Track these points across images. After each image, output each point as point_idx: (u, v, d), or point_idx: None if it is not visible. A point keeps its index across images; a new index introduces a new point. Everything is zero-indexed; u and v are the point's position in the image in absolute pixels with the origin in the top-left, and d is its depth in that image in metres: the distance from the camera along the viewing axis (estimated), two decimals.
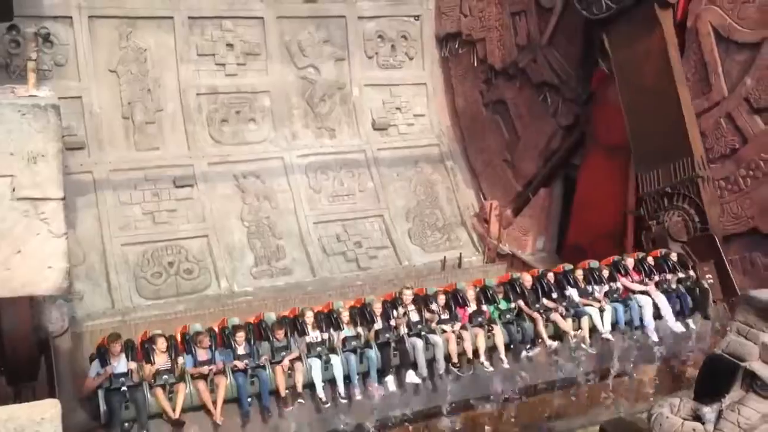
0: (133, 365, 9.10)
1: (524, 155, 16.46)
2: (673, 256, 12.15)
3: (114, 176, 14.63)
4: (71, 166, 13.84)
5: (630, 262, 12.01)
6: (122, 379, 8.85)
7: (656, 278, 11.83)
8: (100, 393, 8.81)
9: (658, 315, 11.49)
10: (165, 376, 9.03)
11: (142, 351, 9.36)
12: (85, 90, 14.65)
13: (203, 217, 15.06)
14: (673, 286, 11.77)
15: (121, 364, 9.04)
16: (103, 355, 9.08)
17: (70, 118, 13.96)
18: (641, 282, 11.79)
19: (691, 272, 12.00)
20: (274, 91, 16.38)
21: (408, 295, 10.51)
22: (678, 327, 11.53)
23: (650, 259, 12.11)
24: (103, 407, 8.76)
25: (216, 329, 9.87)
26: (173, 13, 15.31)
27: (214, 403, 9.11)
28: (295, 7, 16.46)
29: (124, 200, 14.56)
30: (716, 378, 7.19)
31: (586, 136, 15.09)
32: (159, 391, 8.98)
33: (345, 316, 10.14)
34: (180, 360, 9.23)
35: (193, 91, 15.61)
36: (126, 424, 8.87)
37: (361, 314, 10.31)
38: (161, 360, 9.23)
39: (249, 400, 9.38)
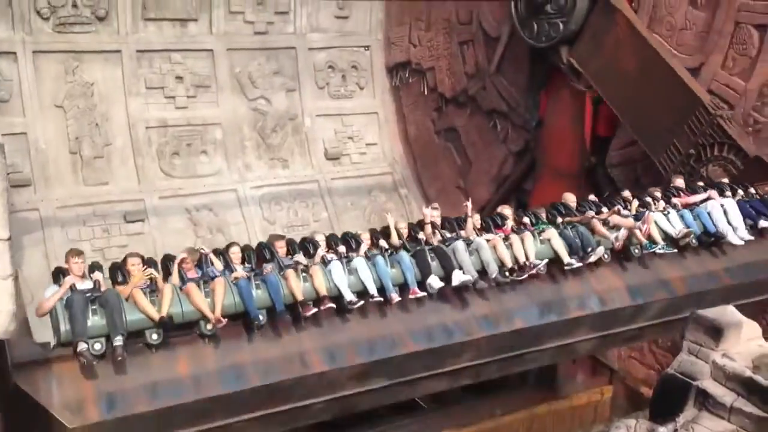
0: (99, 276, 7.26)
1: (477, 181, 16.66)
2: (725, 180, 11.03)
3: (62, 213, 14.29)
4: (17, 204, 13.47)
5: (680, 182, 10.86)
6: (87, 290, 7.04)
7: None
8: (59, 306, 6.88)
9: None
10: (143, 289, 7.23)
11: (111, 273, 7.50)
12: (30, 126, 14.27)
13: (155, 252, 14.72)
14: (737, 197, 10.47)
15: (84, 284, 7.19)
16: (60, 276, 7.33)
17: (15, 155, 13.58)
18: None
19: (752, 190, 10.83)
20: (225, 123, 16.26)
21: (436, 216, 9.07)
22: (764, 223, 10.17)
23: (701, 184, 10.96)
24: (63, 324, 6.78)
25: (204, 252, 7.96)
26: (121, 47, 15.11)
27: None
28: (245, 39, 16.45)
29: (72, 237, 14.20)
30: (670, 397, 7.28)
31: (537, 161, 15.35)
32: (137, 292, 7.07)
33: (365, 236, 8.55)
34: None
35: (142, 125, 15.39)
36: (97, 345, 6.72)
37: (384, 234, 8.69)
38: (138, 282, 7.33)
39: (261, 318, 7.40)
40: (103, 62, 15.03)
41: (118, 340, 6.74)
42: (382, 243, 8.55)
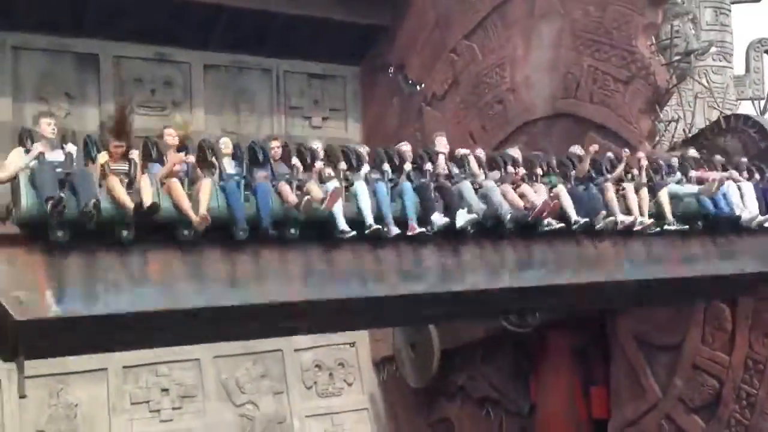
0: (73, 148, 6.54)
1: None
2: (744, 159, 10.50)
3: None
4: None
5: (693, 153, 10.30)
6: (57, 163, 6.33)
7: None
8: (22, 178, 6.08)
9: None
10: (122, 170, 6.59)
11: (86, 147, 6.76)
12: None
13: None
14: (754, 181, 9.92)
15: (55, 156, 6.46)
16: (28, 140, 6.47)
17: None
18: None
19: None
20: None
21: (442, 144, 8.50)
22: None
23: (718, 157, 10.28)
24: (25, 199, 5.97)
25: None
26: (107, 365, 15.14)
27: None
28: (231, 345, 16.60)
29: None
30: None
31: None
32: (113, 178, 6.36)
33: (364, 151, 8.11)
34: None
35: None
36: (60, 233, 6.04)
37: (388, 156, 8.21)
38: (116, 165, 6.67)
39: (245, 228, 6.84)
40: (87, 382, 14.97)
41: (89, 206, 5.99)
42: (386, 167, 8.09)
